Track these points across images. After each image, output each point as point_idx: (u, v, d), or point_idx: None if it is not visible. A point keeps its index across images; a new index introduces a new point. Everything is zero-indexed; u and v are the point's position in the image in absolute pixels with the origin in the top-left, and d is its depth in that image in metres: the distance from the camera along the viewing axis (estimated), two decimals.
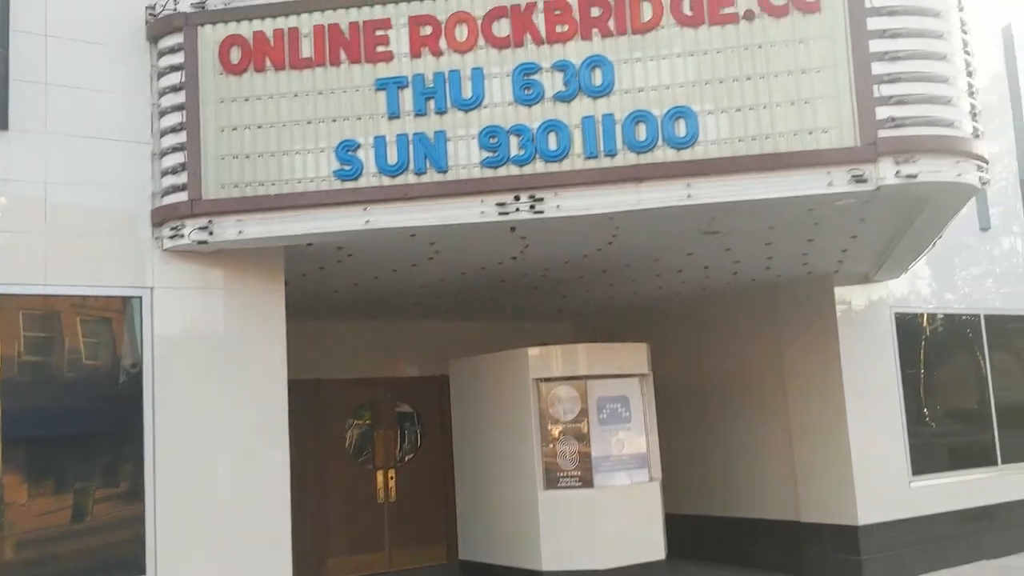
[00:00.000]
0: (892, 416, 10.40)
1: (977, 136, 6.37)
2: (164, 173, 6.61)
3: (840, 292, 10.27)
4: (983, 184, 6.40)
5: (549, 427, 8.55)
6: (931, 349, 11.02)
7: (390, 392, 12.50)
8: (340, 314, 11.20)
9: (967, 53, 6.41)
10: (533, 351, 8.72)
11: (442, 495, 11.89)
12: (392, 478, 12.28)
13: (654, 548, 8.51)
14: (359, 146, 6.45)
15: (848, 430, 9.99)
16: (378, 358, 12.32)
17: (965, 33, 6.44)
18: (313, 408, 11.73)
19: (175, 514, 6.39)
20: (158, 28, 6.68)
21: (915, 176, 6.05)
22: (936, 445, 10.79)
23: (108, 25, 6.58)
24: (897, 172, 6.04)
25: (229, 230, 6.50)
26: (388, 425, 12.49)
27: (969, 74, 6.40)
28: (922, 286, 11.01)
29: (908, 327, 10.78)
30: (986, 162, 6.39)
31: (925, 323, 11.07)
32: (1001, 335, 11.68)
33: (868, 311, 10.49)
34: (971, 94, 6.39)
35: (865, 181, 6.08)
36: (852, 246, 8.53)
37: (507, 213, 6.35)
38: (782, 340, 10.80)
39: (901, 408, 10.47)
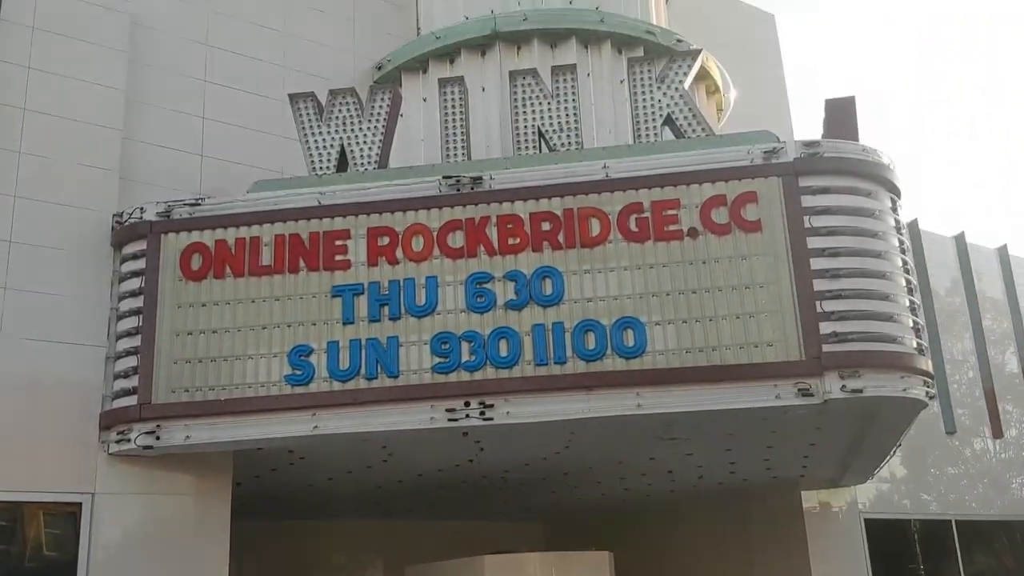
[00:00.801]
0: None
1: (922, 352, 6.47)
2: (116, 376, 6.62)
3: (808, 496, 10.10)
4: (930, 398, 6.45)
5: None
6: (904, 555, 10.73)
7: None
8: (296, 514, 10.90)
9: (907, 272, 6.61)
10: (489, 560, 8.44)
11: None
12: None
13: None
14: (312, 351, 6.51)
15: None
16: (339, 560, 11.89)
17: (904, 253, 6.65)
18: None
19: None
20: (123, 235, 6.88)
21: (861, 391, 6.10)
22: None
23: (73, 231, 6.78)
24: (843, 386, 6.09)
25: (176, 435, 6.44)
26: None
27: (910, 291, 6.57)
28: (892, 490, 10.86)
29: (879, 532, 10.53)
30: (931, 377, 6.46)
31: (896, 528, 10.84)
32: (975, 540, 11.41)
33: (837, 516, 10.28)
34: (913, 311, 6.53)
35: (812, 395, 6.12)
36: (812, 452, 8.46)
37: (457, 420, 6.33)
38: (752, 544, 10.52)
39: None
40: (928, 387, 6.41)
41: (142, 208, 6.83)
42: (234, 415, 6.44)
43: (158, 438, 6.41)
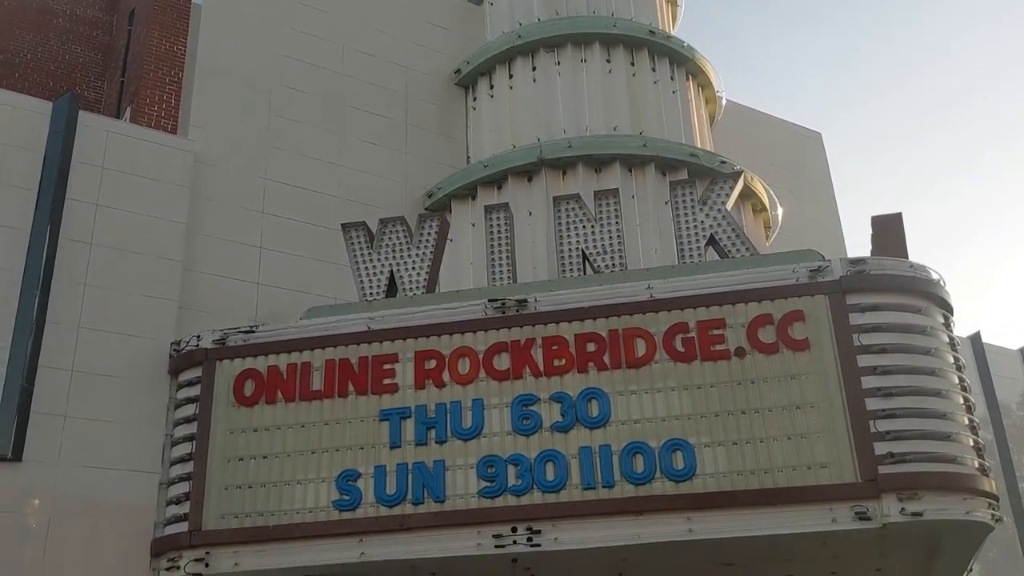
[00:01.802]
0: None
1: (985, 472, 6.23)
2: (168, 503, 6.70)
3: None
4: (996, 521, 6.17)
5: None
6: None
7: None
8: None
9: (964, 389, 6.43)
10: None
11: None
12: None
13: None
14: (359, 475, 6.52)
15: None
16: None
17: (960, 370, 6.49)
18: None
19: None
20: (180, 362, 7.08)
21: (921, 514, 5.88)
22: None
23: (133, 360, 6.99)
24: (902, 509, 5.88)
25: (225, 562, 6.45)
26: None
27: (969, 409, 6.38)
28: None
29: None
30: (996, 499, 6.20)
31: None
32: None
33: None
34: (973, 429, 6.33)
35: (870, 518, 5.91)
36: None
37: (504, 546, 6.24)
38: None
39: None
40: (994, 509, 6.14)
41: (199, 336, 7.04)
42: (282, 541, 6.44)
43: (207, 565, 6.42)
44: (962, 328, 11.81)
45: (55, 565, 6.23)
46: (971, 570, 7.92)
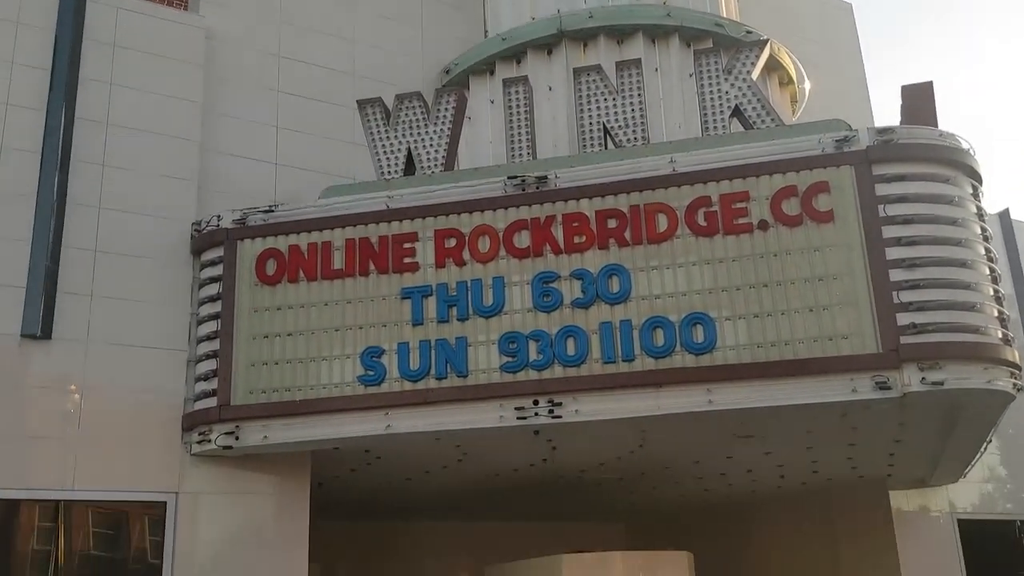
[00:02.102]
0: None
1: (1008, 342, 6.20)
2: (197, 379, 6.84)
3: (896, 496, 9.76)
4: (1018, 390, 6.17)
5: None
6: (1004, 558, 10.28)
7: None
8: (379, 515, 11.05)
9: (991, 260, 6.34)
10: (567, 559, 8.40)
11: None
12: None
13: None
14: (383, 352, 6.60)
15: None
16: (420, 559, 12.01)
17: (987, 240, 6.39)
18: None
19: None
20: (201, 242, 7.10)
21: (942, 383, 5.88)
22: None
23: (156, 240, 7.02)
24: (923, 379, 5.89)
25: (254, 435, 6.61)
26: None
27: (994, 280, 6.30)
28: (987, 489, 10.41)
29: (975, 534, 10.12)
30: (1019, 368, 6.18)
31: (996, 530, 10.38)
32: None
33: (928, 517, 9.91)
34: (998, 300, 6.27)
35: (890, 388, 5.93)
36: (898, 450, 8.19)
37: (526, 418, 6.34)
38: (838, 546, 10.22)
39: None
40: (1016, 379, 6.14)
41: (219, 216, 7.05)
42: (309, 415, 6.58)
43: (237, 438, 6.59)
44: (991, 205, 11.59)
45: (88, 440, 6.42)
46: (990, 441, 8.01)
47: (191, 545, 6.58)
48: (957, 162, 6.40)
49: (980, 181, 6.54)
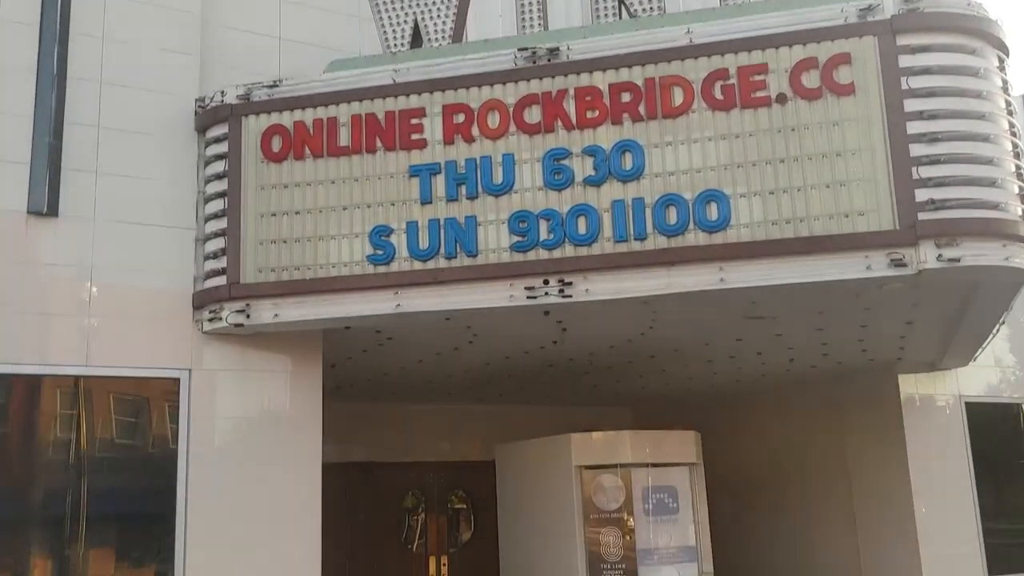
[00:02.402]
0: (965, 512, 9.78)
1: None
2: (206, 258, 6.80)
3: (905, 381, 9.83)
4: None
5: (592, 516, 8.30)
6: (1008, 441, 10.40)
7: (445, 475, 12.39)
8: (392, 397, 11.22)
9: (1014, 135, 6.17)
10: (576, 437, 8.54)
11: None
12: (445, 564, 12.07)
13: None
14: (392, 231, 6.53)
15: (917, 527, 9.43)
16: (433, 441, 12.27)
17: (1011, 115, 6.21)
18: (366, 491, 11.70)
19: None
20: (206, 119, 6.96)
21: (958, 260, 5.79)
22: (1016, 543, 10.09)
23: (159, 116, 6.88)
24: (939, 256, 5.80)
25: (265, 313, 6.61)
26: (441, 510, 12.35)
27: (1016, 155, 6.15)
28: (996, 374, 10.46)
29: (981, 417, 10.22)
30: None
31: (1002, 414, 10.47)
32: None
33: (936, 401, 10.00)
34: (1020, 176, 6.12)
35: (905, 265, 5.85)
36: (910, 332, 8.18)
37: (536, 297, 6.30)
38: (845, 430, 10.37)
39: (974, 502, 9.85)
40: None
41: (223, 92, 6.89)
42: (320, 294, 6.56)
43: (248, 316, 6.59)
44: (1019, 87, 11.29)
45: (100, 317, 6.43)
46: (1003, 323, 7.98)
47: (206, 422, 6.67)
48: (984, 32, 6.16)
49: (1007, 53, 6.31)
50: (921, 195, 5.89)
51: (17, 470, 6.19)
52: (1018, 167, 6.12)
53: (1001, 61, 6.26)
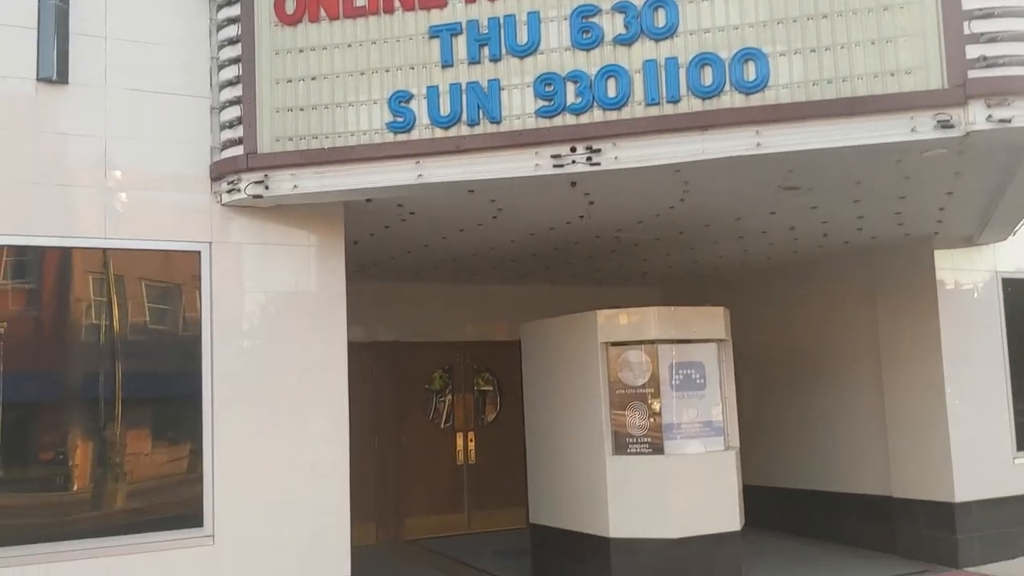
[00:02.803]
0: (996, 388, 9.69)
1: None
2: (222, 127, 6.59)
3: (941, 256, 9.60)
4: None
5: (619, 392, 8.26)
6: None
7: (471, 355, 12.44)
8: (418, 276, 11.14)
9: None
10: (602, 314, 8.42)
11: (521, 458, 11.73)
12: (472, 440, 12.23)
13: (728, 519, 8.15)
14: (411, 97, 6.27)
15: (947, 402, 9.37)
16: (458, 321, 12.25)
17: None
18: (394, 369, 11.77)
19: (231, 473, 6.40)
20: None
21: (1009, 120, 5.48)
22: None
23: None
24: (989, 116, 5.48)
25: (284, 184, 6.44)
26: (468, 388, 12.44)
27: None
28: None
29: (1017, 293, 10.00)
30: None
31: None
32: None
33: (972, 276, 9.78)
34: None
35: (952, 127, 5.54)
36: (949, 204, 7.90)
37: (562, 166, 6.07)
38: (878, 307, 10.19)
39: (1006, 380, 9.75)
40: None
41: None
42: (339, 163, 6.35)
43: (267, 187, 6.42)
44: None
45: (115, 189, 6.28)
46: None
47: (229, 296, 6.58)
48: None
49: None
50: (972, 51, 5.53)
51: (53, 353, 6.16)
52: None
53: None
